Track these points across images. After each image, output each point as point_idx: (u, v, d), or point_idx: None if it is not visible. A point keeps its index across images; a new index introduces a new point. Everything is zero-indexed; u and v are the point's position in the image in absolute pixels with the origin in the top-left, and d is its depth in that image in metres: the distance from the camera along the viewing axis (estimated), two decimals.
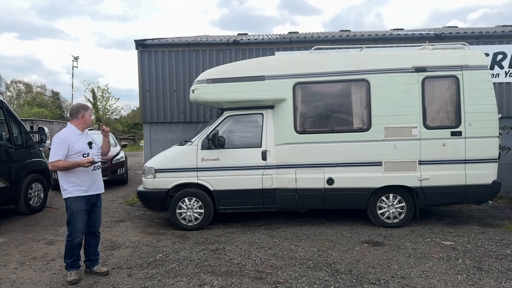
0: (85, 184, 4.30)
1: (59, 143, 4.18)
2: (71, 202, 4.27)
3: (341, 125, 6.44)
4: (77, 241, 4.29)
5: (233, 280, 4.24)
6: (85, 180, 4.30)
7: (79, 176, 4.26)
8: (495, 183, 6.25)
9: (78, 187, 4.27)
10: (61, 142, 4.18)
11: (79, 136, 4.34)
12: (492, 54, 8.93)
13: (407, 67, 6.27)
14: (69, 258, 4.32)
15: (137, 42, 9.45)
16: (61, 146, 4.17)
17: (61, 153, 4.16)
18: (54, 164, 4.16)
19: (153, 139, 9.65)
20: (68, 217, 4.32)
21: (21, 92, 46.48)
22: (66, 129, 4.37)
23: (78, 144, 4.27)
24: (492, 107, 6.21)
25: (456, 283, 4.13)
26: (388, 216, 6.38)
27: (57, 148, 4.16)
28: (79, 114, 4.38)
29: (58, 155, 4.15)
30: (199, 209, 6.44)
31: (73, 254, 4.31)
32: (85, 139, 4.39)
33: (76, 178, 4.25)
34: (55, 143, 4.19)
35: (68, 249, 4.30)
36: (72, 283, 4.24)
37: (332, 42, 9.28)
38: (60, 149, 4.16)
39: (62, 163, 4.16)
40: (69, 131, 4.33)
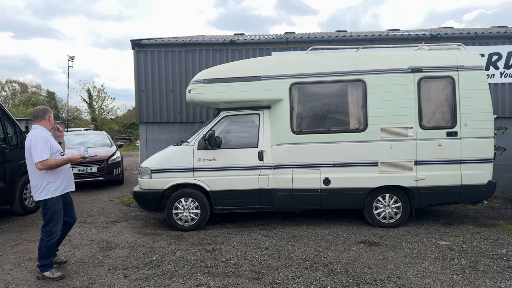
0: (63, 183, 4.41)
1: (43, 142, 4.21)
2: (52, 202, 4.31)
3: (337, 125, 6.45)
4: (55, 240, 4.42)
5: (229, 281, 4.24)
6: (64, 179, 4.41)
7: (59, 175, 4.34)
8: (490, 183, 6.28)
9: (57, 187, 4.33)
10: (44, 141, 4.23)
11: (51, 136, 4.47)
12: (487, 54, 8.98)
13: (403, 67, 6.29)
14: (47, 258, 4.37)
15: (133, 42, 9.42)
16: (45, 145, 4.23)
17: (47, 152, 4.21)
18: (46, 163, 4.16)
19: (149, 139, 9.62)
20: (48, 218, 4.32)
21: (16, 92, 46.24)
22: (38, 130, 4.35)
23: (55, 144, 4.41)
24: (488, 107, 6.24)
25: (451, 283, 4.15)
26: (384, 216, 6.40)
27: (43, 147, 4.19)
28: (46, 116, 4.47)
29: (46, 154, 4.19)
30: (195, 209, 6.42)
31: (51, 253, 4.42)
32: (54, 138, 4.54)
33: (56, 178, 4.32)
34: (38, 143, 4.19)
35: (46, 250, 4.34)
36: (60, 278, 4.34)
37: (328, 42, 9.30)
38: (46, 148, 4.22)
39: (54, 161, 4.22)
40: (42, 132, 4.35)
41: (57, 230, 4.37)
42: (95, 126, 35.43)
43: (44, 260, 4.35)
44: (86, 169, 10.62)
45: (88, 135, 13.88)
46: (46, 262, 4.36)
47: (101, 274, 4.51)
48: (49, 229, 4.33)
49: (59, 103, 46.95)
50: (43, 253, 4.34)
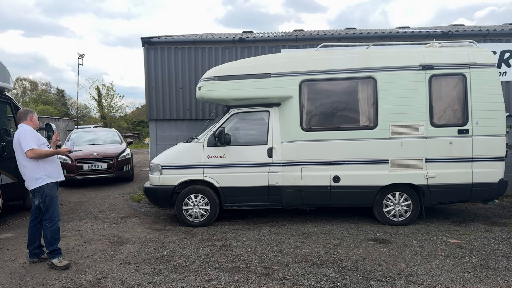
0: (54, 171, 4.66)
1: (31, 134, 4.50)
2: (48, 188, 4.56)
3: (347, 122, 6.43)
4: (58, 224, 4.62)
5: (240, 276, 4.27)
6: (55, 168, 4.67)
7: (51, 164, 4.62)
8: (502, 182, 6.23)
9: (51, 175, 4.59)
10: (31, 134, 4.50)
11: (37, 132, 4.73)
12: (499, 52, 8.88)
13: (414, 64, 6.25)
14: (53, 244, 4.57)
15: (143, 40, 9.48)
16: (34, 137, 4.51)
17: (34, 143, 4.46)
18: (35, 151, 4.42)
19: (159, 136, 9.68)
20: (47, 204, 4.55)
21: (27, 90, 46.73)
22: (24, 126, 4.61)
23: (41, 137, 4.66)
24: (500, 105, 6.18)
25: (462, 280, 4.13)
26: (394, 214, 6.38)
27: (30, 139, 4.46)
28: (28, 117, 4.68)
29: (34, 144, 4.46)
30: (205, 205, 6.46)
31: (56, 240, 4.60)
32: None
33: (49, 166, 4.60)
34: (27, 134, 4.46)
35: (51, 236, 4.55)
36: (65, 267, 4.51)
37: (338, 39, 9.26)
38: (33, 139, 4.49)
39: (43, 151, 4.49)
40: (28, 127, 4.61)
41: (57, 214, 4.63)
42: (104, 124, 35.68)
43: (51, 247, 4.56)
44: (97, 166, 10.74)
45: (98, 132, 14.01)
46: (53, 247, 4.57)
47: (113, 268, 4.58)
48: (50, 215, 4.57)
49: (68, 101, 47.36)
50: (48, 240, 4.57)
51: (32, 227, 4.78)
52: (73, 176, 10.51)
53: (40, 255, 4.82)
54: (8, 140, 7.29)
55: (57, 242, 4.61)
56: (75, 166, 10.57)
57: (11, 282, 4.23)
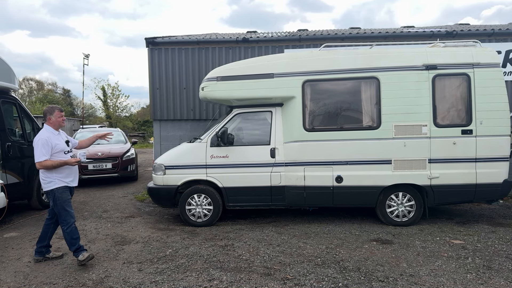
0: (69, 177, 4.69)
1: (43, 144, 4.50)
2: (60, 192, 4.59)
3: (350, 123, 6.42)
4: (73, 225, 4.63)
5: (242, 276, 4.28)
6: (69, 174, 4.69)
7: (64, 171, 4.63)
8: (506, 182, 6.19)
9: (65, 180, 4.63)
10: (44, 143, 4.50)
11: (57, 136, 4.70)
12: (504, 51, 8.82)
13: (417, 64, 6.23)
14: (74, 244, 4.62)
15: (147, 40, 9.53)
16: (46, 146, 4.50)
17: (46, 152, 4.49)
18: (43, 164, 4.48)
19: (162, 136, 9.74)
20: (58, 208, 4.60)
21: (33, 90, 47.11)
22: (44, 130, 4.68)
23: (59, 143, 4.63)
24: (504, 105, 6.14)
25: (465, 281, 4.11)
26: (397, 215, 6.36)
27: (42, 148, 4.49)
28: (47, 117, 4.70)
29: (45, 155, 4.49)
30: (208, 205, 6.49)
31: (76, 239, 4.63)
32: (62, 138, 4.77)
33: (62, 173, 4.62)
34: (39, 144, 4.51)
35: (69, 237, 4.61)
36: (89, 258, 4.60)
37: (341, 39, 9.25)
38: (45, 149, 4.50)
39: (50, 162, 4.50)
40: (47, 132, 4.65)
41: (71, 217, 4.64)
42: (110, 124, 35.86)
43: (72, 247, 4.64)
44: (101, 165, 10.81)
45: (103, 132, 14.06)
46: (75, 247, 4.63)
47: (116, 267, 4.61)
48: (63, 218, 4.61)
49: (74, 101, 47.72)
50: (68, 241, 4.64)
51: (46, 225, 4.88)
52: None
53: (45, 254, 4.89)
54: (14, 140, 7.37)
55: (77, 241, 4.66)
56: (80, 166, 10.62)
57: (15, 281, 4.28)
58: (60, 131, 4.84)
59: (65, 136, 4.88)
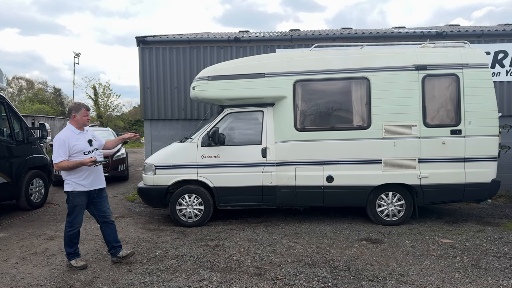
0: (87, 181, 4.47)
1: (59, 144, 4.36)
2: (73, 196, 4.46)
3: (341, 122, 6.45)
4: (76, 231, 4.53)
5: (232, 276, 4.27)
6: (87, 177, 4.48)
7: (82, 173, 4.44)
8: (494, 182, 6.26)
9: (80, 183, 4.44)
10: (61, 143, 4.36)
11: (78, 135, 4.50)
12: (493, 52, 8.91)
13: (407, 65, 6.27)
14: (71, 247, 4.53)
15: (138, 39, 9.46)
16: (62, 147, 4.35)
17: (63, 153, 4.35)
18: (59, 165, 4.36)
19: (153, 136, 9.67)
20: (69, 209, 4.51)
21: (23, 88, 46.49)
22: (65, 129, 4.55)
23: (78, 144, 4.44)
24: (492, 105, 6.21)
25: (453, 280, 4.15)
26: (387, 214, 6.40)
27: (59, 149, 4.35)
28: (71, 115, 4.54)
29: (61, 156, 4.34)
30: (199, 205, 6.46)
31: (74, 243, 4.54)
32: (85, 137, 4.55)
33: (79, 175, 4.43)
34: (56, 145, 4.38)
35: (69, 239, 4.51)
36: (82, 267, 4.49)
37: (333, 39, 9.27)
38: (62, 150, 4.35)
39: (66, 163, 4.34)
40: (68, 131, 4.50)
41: (77, 222, 4.51)
42: (101, 123, 35.57)
43: (68, 248, 4.55)
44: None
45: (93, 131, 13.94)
46: (70, 250, 4.54)
47: (105, 268, 4.57)
48: (70, 220, 4.51)
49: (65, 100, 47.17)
50: (67, 242, 4.55)
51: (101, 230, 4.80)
52: None
53: (116, 254, 4.71)
54: (2, 139, 7.26)
55: (75, 245, 4.57)
56: None
57: (2, 283, 4.21)
58: (85, 129, 4.61)
59: (91, 135, 4.65)
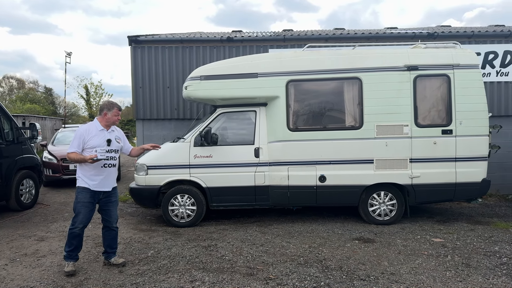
0: (94, 180, 4.40)
1: (76, 135, 4.39)
2: (78, 191, 4.45)
3: (333, 122, 6.47)
4: (76, 231, 4.39)
5: (224, 277, 4.26)
6: (95, 176, 4.40)
7: (89, 170, 4.40)
8: (485, 181, 6.33)
9: (86, 180, 4.40)
10: (78, 135, 4.38)
11: (99, 132, 4.43)
12: (483, 53, 9.01)
13: (399, 65, 6.31)
14: (68, 247, 4.43)
15: (130, 38, 9.40)
16: (78, 139, 4.37)
17: (77, 145, 4.35)
18: (69, 155, 4.40)
19: (146, 135, 9.62)
20: (74, 206, 4.48)
21: (13, 88, 45.95)
22: (90, 123, 4.59)
23: (94, 140, 4.38)
24: (483, 106, 6.27)
25: (444, 279, 4.18)
26: (379, 213, 6.43)
27: (74, 140, 4.39)
28: (103, 112, 4.49)
29: (74, 147, 4.36)
30: (191, 206, 6.44)
31: (71, 244, 4.41)
32: (105, 135, 4.45)
33: (86, 172, 4.41)
34: (75, 136, 4.41)
35: (68, 238, 4.43)
36: (68, 274, 4.32)
37: (325, 40, 9.30)
38: (76, 141, 4.37)
39: (73, 156, 4.35)
40: (91, 125, 4.52)
41: (78, 220, 4.36)
42: None
43: (66, 247, 4.44)
44: None
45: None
46: (67, 249, 4.42)
47: (96, 269, 4.53)
48: (74, 217, 4.42)
49: (56, 99, 46.69)
50: (67, 240, 4.45)
51: None
52: (58, 176, 10.39)
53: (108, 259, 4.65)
54: None
55: (73, 247, 4.40)
56: (61, 166, 10.44)
57: None
58: (111, 128, 4.52)
59: (115, 136, 4.53)
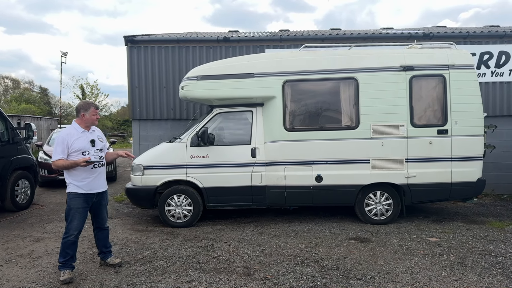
0: (85, 183, 4.27)
1: (58, 142, 4.24)
2: (70, 198, 4.31)
3: (329, 123, 6.48)
4: (71, 239, 4.23)
5: (221, 277, 4.26)
6: (85, 178, 4.28)
7: (80, 174, 4.25)
8: (480, 181, 6.36)
9: (78, 185, 4.26)
10: (60, 141, 4.24)
11: (81, 134, 4.31)
12: (479, 53, 9.06)
13: (395, 65, 6.34)
14: (63, 257, 4.25)
15: (126, 38, 9.37)
16: (61, 145, 4.21)
17: (61, 151, 4.20)
18: (55, 163, 4.22)
19: (142, 136, 9.59)
20: (66, 213, 4.33)
21: (9, 88, 45.65)
22: (69, 127, 4.43)
23: (78, 143, 4.25)
24: (478, 106, 6.31)
25: (440, 278, 4.21)
26: (376, 213, 6.45)
27: (57, 147, 4.23)
28: (80, 114, 4.36)
29: (59, 154, 4.20)
30: (188, 206, 6.43)
31: (67, 254, 4.24)
32: (87, 136, 4.34)
33: (77, 176, 4.25)
34: (56, 143, 4.27)
35: (62, 247, 4.26)
36: (65, 282, 4.15)
37: (322, 40, 9.32)
38: (60, 148, 4.21)
39: (62, 162, 4.18)
40: (71, 128, 4.36)
41: (72, 228, 4.23)
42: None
43: (60, 257, 4.26)
44: None
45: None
46: (61, 260, 4.26)
47: (93, 270, 4.51)
48: (66, 225, 4.28)
49: (52, 100, 46.46)
50: (61, 250, 4.28)
51: None
52: (54, 176, 10.33)
53: (104, 259, 4.60)
54: None
55: (68, 256, 4.25)
56: None
57: None
58: (91, 129, 4.41)
59: (96, 135, 4.42)
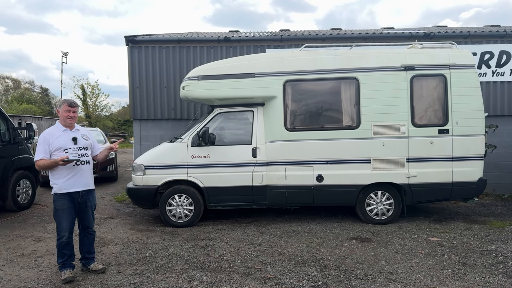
0: (67, 180, 4.21)
1: (40, 142, 4.23)
2: (55, 200, 4.26)
3: (330, 122, 6.48)
4: (64, 240, 4.22)
5: (222, 276, 4.26)
6: (68, 176, 4.20)
7: (62, 172, 4.20)
8: (481, 181, 6.36)
9: (60, 184, 4.20)
10: (41, 141, 4.22)
11: (62, 132, 4.27)
12: (479, 53, 9.06)
13: (396, 65, 6.34)
14: (61, 258, 4.26)
15: (127, 38, 9.38)
16: (42, 144, 4.19)
17: (43, 151, 4.17)
18: (37, 163, 4.21)
19: (143, 136, 9.60)
20: (53, 215, 4.30)
21: (9, 88, 45.71)
22: (52, 126, 4.42)
23: (58, 141, 4.21)
24: (479, 105, 6.31)
25: (441, 278, 4.21)
26: (377, 213, 6.45)
27: (38, 147, 4.21)
28: (56, 111, 4.41)
29: (41, 154, 4.17)
30: (189, 206, 6.43)
31: (64, 254, 4.25)
32: (69, 135, 4.29)
33: (60, 175, 4.21)
34: (39, 142, 4.25)
35: (58, 249, 4.28)
36: (66, 281, 4.15)
37: (322, 40, 9.32)
38: (42, 147, 4.18)
39: (43, 162, 4.15)
40: (53, 128, 4.37)
41: (62, 229, 4.20)
42: (89, 123, 35.15)
43: (59, 259, 4.28)
44: None
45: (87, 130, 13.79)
46: (59, 261, 4.27)
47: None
48: (56, 227, 4.26)
49: (52, 100, 46.53)
50: (57, 252, 4.29)
51: None
52: None
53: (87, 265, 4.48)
54: None
55: (66, 256, 4.26)
56: None
57: None
58: (75, 127, 4.37)
59: (80, 134, 4.36)
